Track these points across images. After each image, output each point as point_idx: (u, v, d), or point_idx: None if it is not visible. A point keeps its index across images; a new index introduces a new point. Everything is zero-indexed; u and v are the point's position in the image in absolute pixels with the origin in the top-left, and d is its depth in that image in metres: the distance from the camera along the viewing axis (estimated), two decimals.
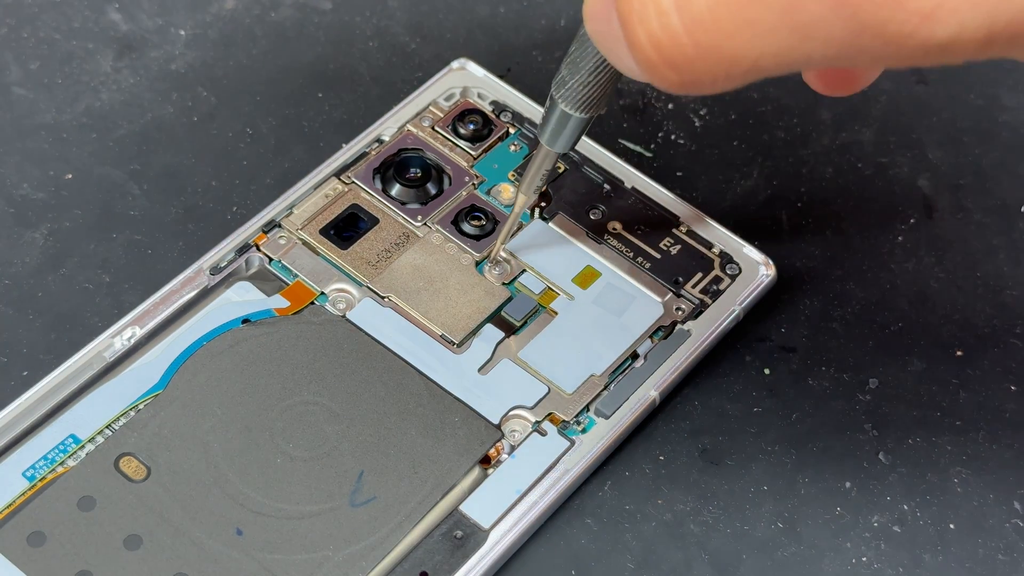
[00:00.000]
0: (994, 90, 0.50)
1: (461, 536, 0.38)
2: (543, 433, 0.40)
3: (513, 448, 0.40)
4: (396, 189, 0.45)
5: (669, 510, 0.40)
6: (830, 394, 0.43)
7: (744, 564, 0.39)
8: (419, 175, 0.45)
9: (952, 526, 0.41)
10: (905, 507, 0.41)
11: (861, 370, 0.43)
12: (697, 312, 0.43)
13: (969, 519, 0.41)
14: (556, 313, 0.42)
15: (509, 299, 0.43)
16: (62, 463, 0.38)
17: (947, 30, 0.27)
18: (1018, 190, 0.48)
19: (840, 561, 0.40)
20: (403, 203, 0.44)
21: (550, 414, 0.40)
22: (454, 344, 0.41)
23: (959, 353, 0.44)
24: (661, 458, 0.41)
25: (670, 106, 0.49)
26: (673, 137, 0.48)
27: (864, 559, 0.40)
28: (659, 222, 0.45)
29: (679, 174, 0.47)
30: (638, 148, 0.48)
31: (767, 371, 0.43)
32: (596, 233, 0.44)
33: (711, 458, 0.41)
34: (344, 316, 0.42)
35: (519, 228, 0.44)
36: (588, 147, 0.46)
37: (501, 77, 0.47)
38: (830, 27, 0.27)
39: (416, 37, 0.50)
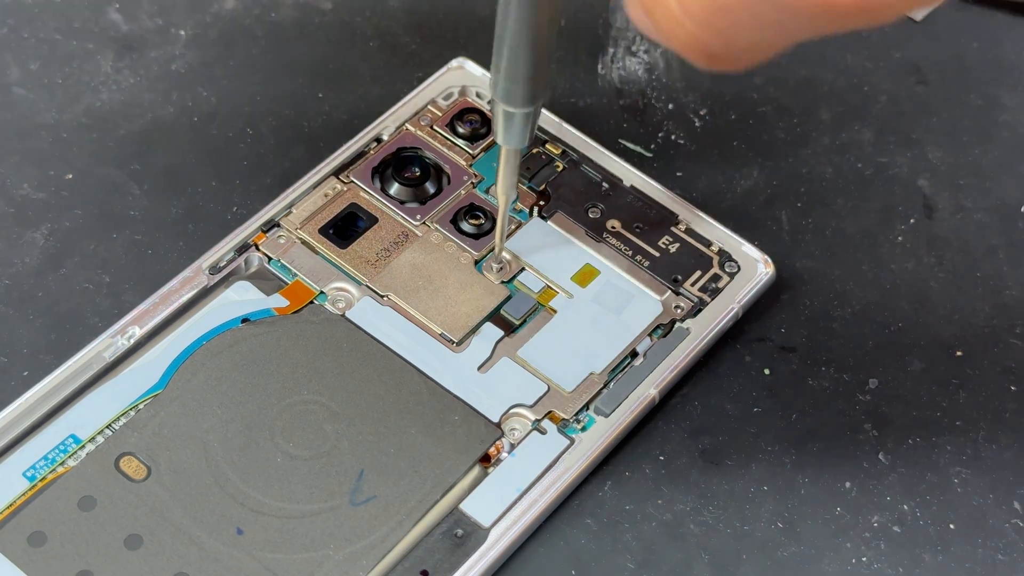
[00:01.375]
0: (994, 90, 0.50)
1: (461, 534, 0.38)
2: (543, 431, 0.40)
3: (513, 446, 0.40)
4: (395, 188, 0.45)
5: (669, 510, 0.40)
6: (830, 394, 0.43)
7: (744, 564, 0.39)
8: (418, 174, 0.45)
9: (952, 526, 0.40)
10: (905, 507, 0.41)
11: (861, 370, 0.43)
12: (696, 310, 0.43)
13: (969, 519, 0.41)
14: (555, 311, 0.42)
15: (508, 298, 0.43)
16: (62, 463, 0.38)
17: None
18: (1018, 190, 0.48)
19: (840, 561, 0.40)
20: (402, 202, 0.44)
21: (550, 412, 0.40)
22: (453, 343, 0.41)
23: (959, 353, 0.44)
24: (661, 458, 0.41)
25: (670, 106, 0.49)
26: (673, 137, 0.48)
27: (864, 559, 0.40)
28: (658, 220, 0.45)
29: (679, 174, 0.47)
30: (638, 148, 0.48)
31: (767, 371, 0.43)
32: (595, 231, 0.44)
33: (711, 458, 0.41)
34: (343, 315, 0.42)
35: (517, 226, 0.44)
36: (586, 145, 0.46)
37: None
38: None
39: (416, 37, 0.50)
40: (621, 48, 0.50)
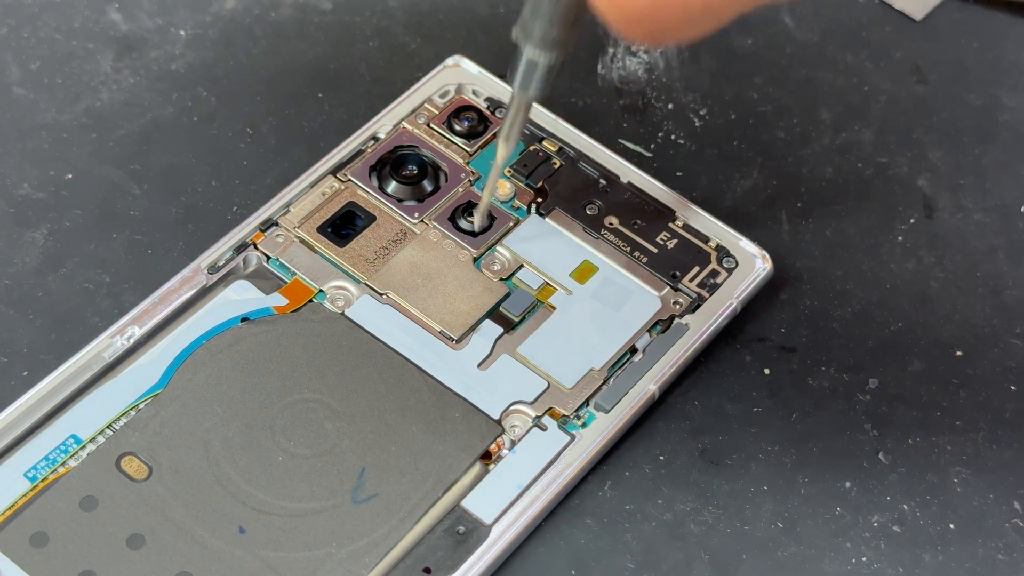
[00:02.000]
0: (994, 90, 0.50)
1: (463, 531, 0.38)
2: (543, 428, 0.40)
3: (514, 443, 0.40)
4: (392, 186, 0.45)
5: (669, 510, 0.40)
6: (830, 394, 0.43)
7: (744, 564, 0.39)
8: (415, 172, 0.45)
9: (952, 526, 0.40)
10: (905, 507, 0.41)
11: (861, 370, 0.43)
12: (695, 306, 0.43)
13: (969, 519, 0.41)
14: (554, 308, 0.42)
15: (507, 295, 0.43)
16: (63, 463, 0.38)
17: None
18: (1018, 190, 0.48)
19: (840, 561, 0.40)
20: (400, 200, 0.44)
21: (550, 409, 0.40)
22: (453, 340, 0.41)
23: (959, 353, 0.44)
24: (661, 458, 0.41)
25: (670, 106, 0.49)
26: (673, 137, 0.48)
27: (864, 559, 0.40)
28: (655, 216, 0.45)
29: (679, 174, 0.47)
30: (638, 148, 0.48)
31: (767, 371, 0.43)
32: (593, 228, 0.44)
33: (711, 458, 0.41)
34: (343, 313, 0.42)
35: (515, 223, 0.44)
36: (583, 142, 0.46)
37: (501, 77, 0.47)
38: None
39: (416, 37, 0.50)
40: (621, 48, 0.50)
